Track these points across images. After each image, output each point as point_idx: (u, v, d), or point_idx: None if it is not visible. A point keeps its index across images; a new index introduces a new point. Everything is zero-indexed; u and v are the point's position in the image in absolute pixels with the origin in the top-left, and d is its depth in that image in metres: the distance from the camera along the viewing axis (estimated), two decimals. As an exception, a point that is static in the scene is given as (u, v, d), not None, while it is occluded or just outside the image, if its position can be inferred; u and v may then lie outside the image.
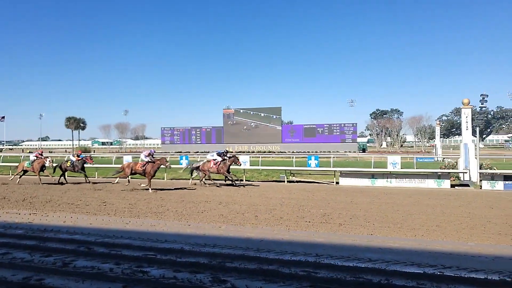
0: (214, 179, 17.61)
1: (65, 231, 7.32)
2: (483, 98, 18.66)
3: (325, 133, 58.12)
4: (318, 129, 58.62)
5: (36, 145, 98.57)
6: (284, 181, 16.89)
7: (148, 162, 15.53)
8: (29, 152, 52.74)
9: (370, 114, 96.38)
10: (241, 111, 62.77)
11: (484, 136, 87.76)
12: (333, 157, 27.36)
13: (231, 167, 16.87)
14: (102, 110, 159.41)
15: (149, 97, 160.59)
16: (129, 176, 15.91)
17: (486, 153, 39.80)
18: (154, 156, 16.16)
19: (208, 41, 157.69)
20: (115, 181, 17.31)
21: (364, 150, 60.08)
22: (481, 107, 19.59)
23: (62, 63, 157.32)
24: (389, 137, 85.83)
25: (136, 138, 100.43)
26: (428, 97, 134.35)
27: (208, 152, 20.58)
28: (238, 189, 15.56)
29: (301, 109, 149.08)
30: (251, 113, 62.34)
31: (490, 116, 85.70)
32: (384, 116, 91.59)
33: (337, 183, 18.66)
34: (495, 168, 18.79)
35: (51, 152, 53.76)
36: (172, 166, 21.94)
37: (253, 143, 59.69)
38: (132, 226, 8.06)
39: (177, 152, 43.94)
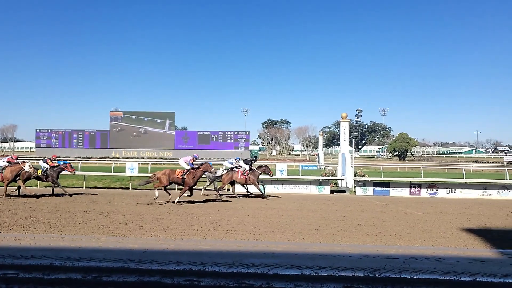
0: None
1: None
2: (358, 113, 20.80)
3: (219, 140, 58.90)
4: (212, 136, 59.10)
5: None
6: (174, 189, 16.45)
7: (190, 169, 13.25)
8: None
9: (262, 124, 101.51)
10: (131, 116, 59.74)
11: (359, 147, 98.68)
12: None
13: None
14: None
15: (22, 94, 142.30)
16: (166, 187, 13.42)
17: (360, 162, 44.60)
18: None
19: (93, 39, 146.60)
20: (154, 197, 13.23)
21: (255, 158, 62.20)
22: (356, 121, 21.80)
23: None
24: (278, 146, 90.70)
25: (4, 140, 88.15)
26: (313, 110, 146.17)
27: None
28: (124, 198, 14.67)
29: (195, 116, 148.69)
30: (143, 118, 59.72)
31: (364, 129, 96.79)
32: (275, 125, 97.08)
33: (229, 189, 18.90)
34: (366, 175, 21.26)
35: None
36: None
37: (143, 149, 57.39)
38: (-11, 242, 6.96)
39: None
